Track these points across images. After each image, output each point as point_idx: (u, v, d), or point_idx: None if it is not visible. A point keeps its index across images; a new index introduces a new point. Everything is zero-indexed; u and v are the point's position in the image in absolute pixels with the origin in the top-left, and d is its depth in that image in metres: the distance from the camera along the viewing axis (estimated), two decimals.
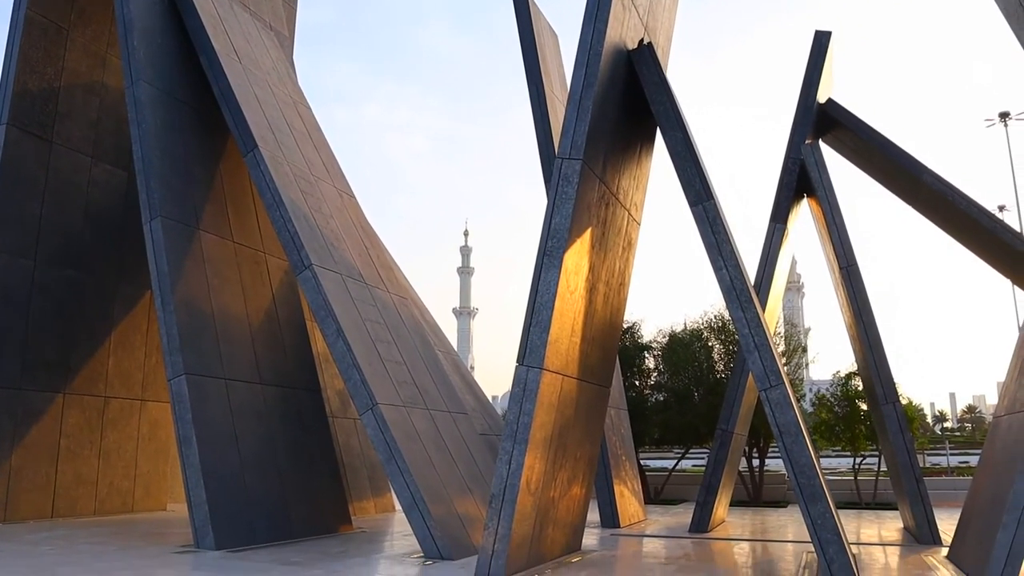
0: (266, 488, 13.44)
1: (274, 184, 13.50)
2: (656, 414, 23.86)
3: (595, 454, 12.51)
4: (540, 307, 9.50)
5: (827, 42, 17.34)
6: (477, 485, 13.55)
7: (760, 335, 9.87)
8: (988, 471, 11.48)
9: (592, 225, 10.50)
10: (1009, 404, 11.24)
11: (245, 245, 15.05)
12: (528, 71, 16.88)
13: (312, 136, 16.50)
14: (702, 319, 25.17)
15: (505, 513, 9.31)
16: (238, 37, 15.73)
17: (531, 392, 9.35)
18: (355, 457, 18.72)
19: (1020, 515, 9.18)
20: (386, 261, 16.63)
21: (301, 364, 15.56)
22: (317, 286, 12.85)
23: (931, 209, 18.26)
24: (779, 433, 9.61)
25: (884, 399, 14.60)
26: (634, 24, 11.51)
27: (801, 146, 16.42)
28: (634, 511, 17.05)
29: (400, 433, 12.23)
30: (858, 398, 22.51)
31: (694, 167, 10.68)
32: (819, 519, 9.28)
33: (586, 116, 9.83)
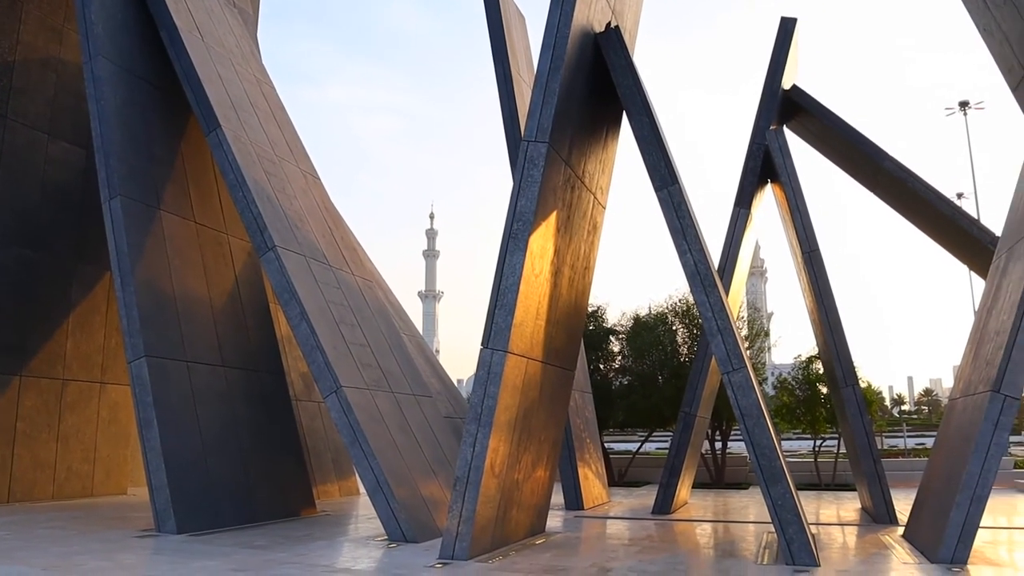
0: (229, 472, 13.33)
1: (237, 164, 13.31)
2: (621, 397, 24.03)
3: (559, 437, 12.58)
4: (505, 290, 9.50)
5: (792, 29, 17.46)
6: (442, 468, 13.56)
7: (723, 319, 9.95)
8: (943, 453, 11.73)
9: (558, 208, 10.50)
10: (964, 387, 11.48)
11: (207, 226, 14.84)
12: (495, 53, 16.80)
13: (276, 116, 16.28)
14: (667, 303, 25.36)
15: (469, 495, 9.33)
16: (201, 14, 15.44)
17: (496, 375, 9.36)
18: (319, 440, 18.64)
19: (972, 494, 9.42)
20: (351, 243, 16.50)
21: (264, 346, 15.42)
22: (280, 268, 12.72)
23: (892, 195, 18.54)
24: (741, 416, 9.72)
25: (844, 382, 14.83)
26: (601, 7, 11.48)
27: (766, 132, 16.54)
28: (598, 493, 17.18)
29: (364, 416, 12.18)
30: (819, 381, 22.86)
31: (659, 152, 10.71)
32: (779, 500, 9.43)
33: (552, 99, 9.81)
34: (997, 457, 9.56)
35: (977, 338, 11.71)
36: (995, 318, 10.88)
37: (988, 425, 9.57)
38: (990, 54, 13.38)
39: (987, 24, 13.03)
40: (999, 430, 9.55)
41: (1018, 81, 12.75)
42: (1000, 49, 12.97)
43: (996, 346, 10.20)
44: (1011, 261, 11.11)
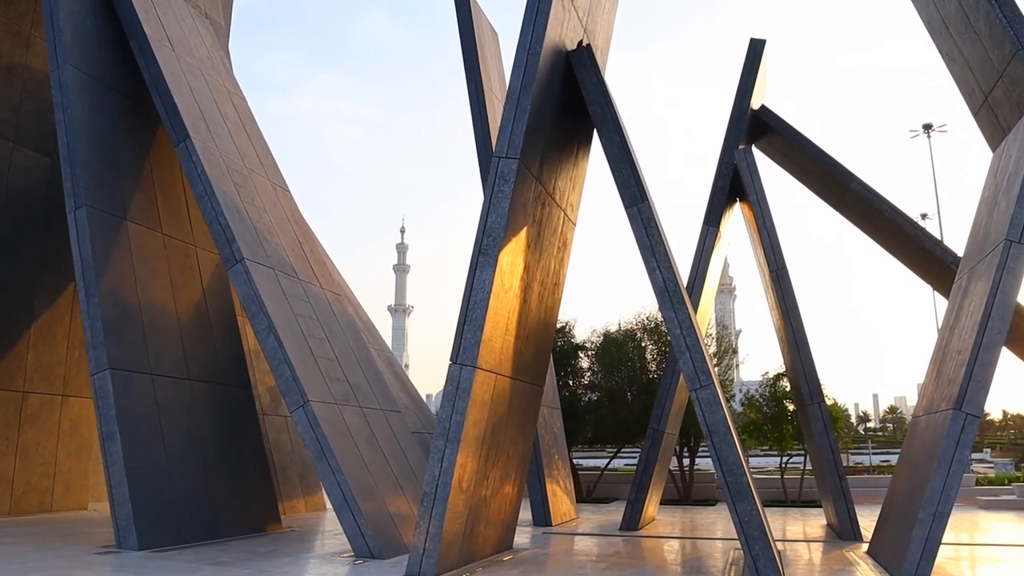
0: (193, 486, 13.14)
1: (206, 175, 13.21)
2: (589, 413, 24.06)
3: (528, 452, 12.55)
4: (474, 305, 9.49)
5: (761, 50, 17.71)
6: (409, 483, 13.47)
7: (691, 336, 10.02)
8: (906, 469, 11.87)
9: (528, 224, 10.53)
10: (927, 405, 11.63)
11: (175, 237, 14.69)
12: (468, 69, 16.86)
13: (246, 127, 16.18)
14: (636, 320, 25.49)
15: (437, 511, 9.27)
16: (171, 23, 15.34)
17: (464, 390, 9.33)
18: (285, 455, 18.44)
19: (935, 511, 9.53)
20: (320, 256, 16.42)
21: (231, 360, 15.26)
22: (248, 280, 12.62)
23: (858, 215, 18.82)
24: (708, 432, 9.77)
25: (810, 399, 14.97)
26: (573, 25, 11.57)
27: (735, 151, 16.73)
28: (566, 509, 17.16)
29: (332, 430, 12.09)
30: (785, 398, 23.06)
31: (630, 169, 10.78)
32: (746, 517, 9.47)
33: (524, 116, 9.85)
34: (959, 474, 9.68)
35: (940, 357, 11.89)
36: (957, 337, 11.06)
37: (950, 442, 9.70)
38: (952, 79, 13.67)
39: (949, 50, 13.32)
40: (960, 447, 9.68)
41: (979, 105, 13.04)
42: (962, 74, 13.26)
43: (958, 365, 10.36)
44: (972, 281, 11.31)
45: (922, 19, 13.84)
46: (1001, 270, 10.09)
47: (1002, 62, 11.68)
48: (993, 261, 10.37)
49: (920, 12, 13.79)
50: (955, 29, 12.75)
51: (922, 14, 13.76)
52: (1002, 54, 11.60)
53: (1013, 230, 10.16)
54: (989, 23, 11.53)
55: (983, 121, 13.15)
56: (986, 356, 9.88)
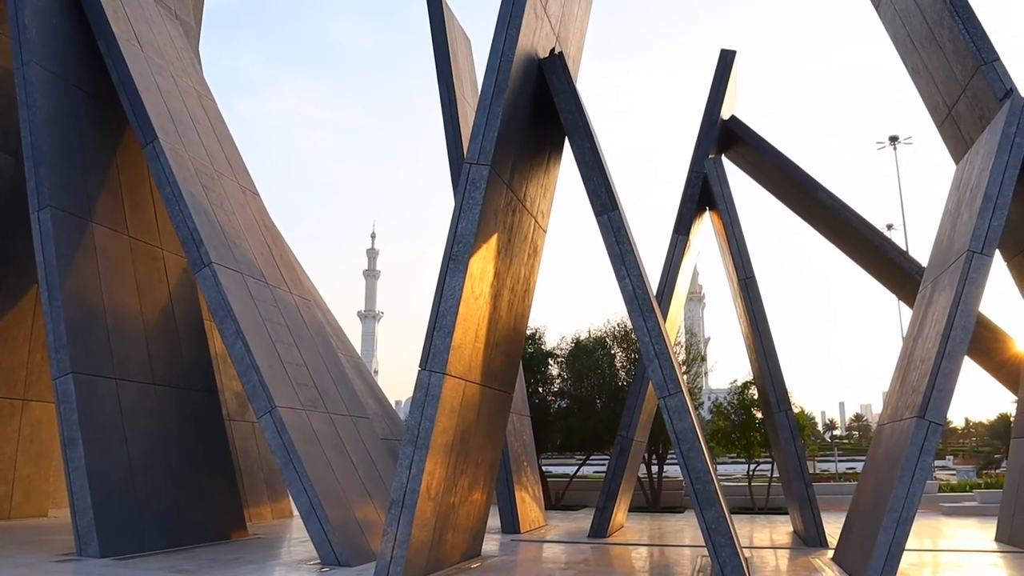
0: (157, 493, 12.96)
1: (174, 178, 13.06)
2: (559, 420, 24.07)
3: (496, 459, 12.53)
4: (444, 312, 9.46)
5: (731, 61, 17.89)
6: (377, 490, 13.39)
7: (660, 344, 10.06)
8: (871, 477, 12.01)
9: (498, 231, 10.52)
10: (892, 413, 11.79)
11: (141, 240, 14.50)
12: (440, 75, 16.85)
13: (216, 130, 16.03)
14: (605, 327, 25.55)
15: (404, 519, 9.22)
16: (140, 23, 15.17)
17: (433, 397, 9.29)
18: (252, 461, 18.24)
19: (899, 517, 9.65)
20: (289, 261, 16.29)
21: (198, 364, 15.08)
22: (216, 285, 12.49)
23: (825, 225, 19.05)
24: (676, 440, 9.81)
25: (777, 407, 15.10)
26: (546, 33, 11.61)
27: (704, 160, 16.87)
28: (535, 517, 17.14)
29: (299, 437, 11.98)
30: (753, 406, 23.23)
31: (600, 177, 10.82)
32: (713, 524, 9.52)
33: (495, 122, 9.85)
34: (922, 481, 9.82)
35: (904, 365, 12.06)
36: (921, 346, 11.22)
37: (914, 450, 9.83)
38: (917, 92, 13.90)
39: (915, 64, 13.55)
40: (924, 455, 9.82)
41: (943, 118, 13.26)
42: (927, 88, 13.49)
43: (922, 373, 10.51)
44: (936, 291, 11.49)
45: (889, 34, 14.07)
46: (964, 280, 10.27)
47: (965, 76, 11.90)
48: (956, 271, 10.54)
49: (887, 27, 14.01)
50: (920, 44, 12.98)
51: (889, 29, 13.99)
52: (965, 69, 11.82)
53: (975, 241, 10.34)
54: (953, 38, 11.75)
55: (947, 133, 13.39)
56: (949, 365, 10.04)
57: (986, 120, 11.81)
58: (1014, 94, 11.12)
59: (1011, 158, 10.71)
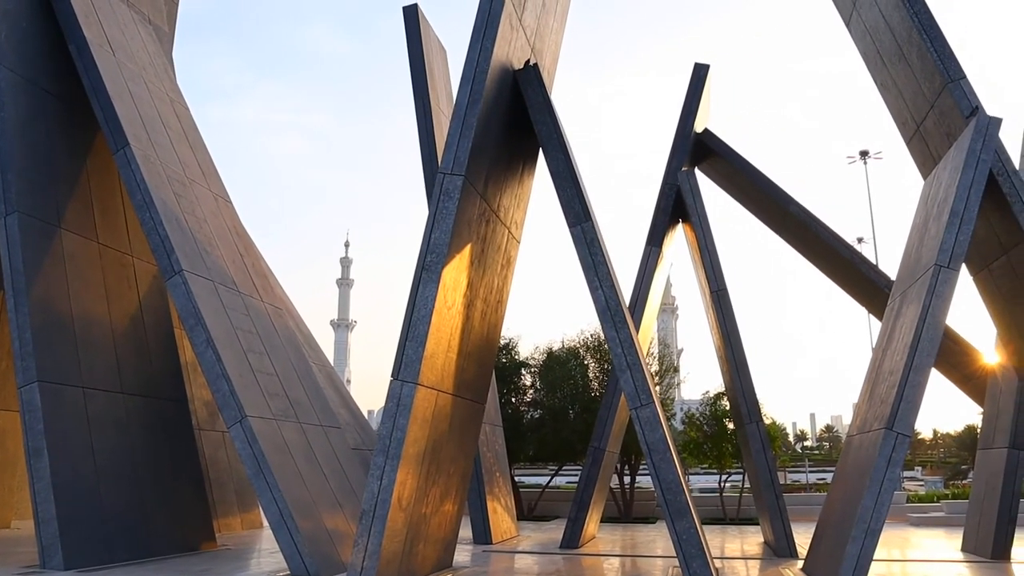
0: (124, 503, 12.79)
1: (145, 184, 12.94)
2: (532, 431, 24.05)
3: (468, 470, 12.50)
4: (417, 322, 9.44)
5: (705, 74, 18.05)
6: (348, 500, 13.30)
7: (632, 355, 10.10)
8: (840, 487, 12.11)
9: (472, 241, 10.53)
10: (860, 424, 11.91)
11: (111, 247, 14.34)
12: (415, 85, 16.85)
13: (188, 136, 15.91)
14: (579, 338, 25.60)
15: (375, 529, 9.16)
16: (113, 28, 15.03)
17: (405, 407, 9.26)
18: (222, 471, 18.06)
19: (867, 528, 9.74)
20: (261, 269, 16.18)
21: (167, 373, 14.92)
22: (187, 293, 12.37)
23: (796, 238, 19.24)
24: (648, 451, 9.85)
25: (748, 418, 15.20)
26: (521, 45, 11.66)
27: (677, 173, 16.99)
28: (507, 527, 17.10)
29: (269, 446, 11.88)
30: (725, 417, 23.36)
31: (574, 189, 10.87)
32: (684, 534, 9.56)
33: (470, 133, 9.87)
34: (890, 492, 9.92)
35: (873, 377, 12.19)
36: (889, 358, 11.36)
37: (882, 461, 9.93)
38: (887, 108, 14.11)
39: (884, 81, 13.76)
40: (892, 466, 9.92)
41: (911, 134, 13.47)
42: (896, 104, 13.70)
43: (890, 385, 10.64)
44: (904, 304, 11.65)
45: (859, 50, 14.28)
46: (931, 294, 10.41)
47: (933, 93, 12.10)
48: (923, 285, 10.69)
49: (857, 44, 14.22)
50: (889, 61, 13.18)
51: (859, 45, 14.20)
52: (933, 86, 12.02)
53: (942, 255, 10.50)
54: (921, 56, 11.95)
55: (915, 149, 13.60)
56: (916, 377, 10.17)
57: (953, 137, 12.01)
58: (980, 112, 11.32)
59: (976, 175, 10.90)
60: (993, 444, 15.04)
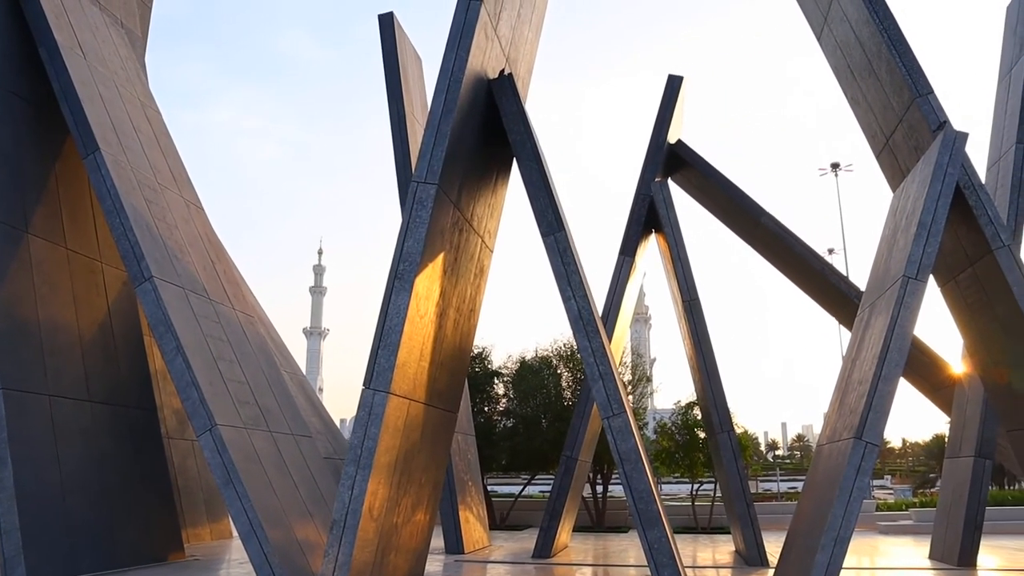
0: (90, 513, 12.60)
1: (115, 190, 12.79)
2: (504, 440, 24.04)
3: (440, 479, 12.45)
4: (389, 330, 9.40)
5: (679, 86, 18.19)
6: (319, 510, 13.19)
7: (605, 364, 10.13)
8: (810, 496, 12.20)
9: (445, 250, 10.51)
10: (830, 434, 12.00)
11: (80, 253, 14.16)
12: (390, 94, 16.84)
13: (160, 141, 15.76)
14: (552, 347, 25.65)
15: (346, 539, 9.09)
16: (84, 31, 14.87)
17: (376, 416, 9.21)
18: (191, 480, 17.86)
19: (836, 536, 9.80)
20: (233, 276, 16.04)
21: (136, 381, 14.74)
22: (157, 300, 12.23)
23: (768, 249, 19.42)
24: (620, 460, 9.87)
25: (720, 428, 15.28)
26: (496, 54, 11.68)
27: (651, 183, 17.09)
28: (479, 537, 17.06)
29: (239, 455, 11.76)
30: (697, 427, 23.48)
31: (547, 198, 10.90)
32: (656, 544, 9.58)
33: (443, 141, 9.87)
34: (859, 500, 9.98)
35: (843, 387, 12.30)
36: (859, 368, 11.47)
37: (851, 470, 10.01)
38: (857, 122, 14.30)
39: (854, 94, 13.94)
40: (861, 475, 10.00)
41: (881, 148, 13.65)
42: (866, 118, 13.88)
43: (859, 395, 10.74)
44: (873, 315, 11.77)
45: (830, 64, 14.45)
46: (899, 305, 10.53)
47: (901, 107, 12.28)
48: (892, 296, 10.81)
49: (829, 58, 14.40)
50: (859, 75, 13.36)
51: (830, 60, 14.37)
52: (902, 100, 12.19)
53: (910, 267, 10.63)
54: (890, 71, 12.12)
55: (885, 162, 13.78)
56: (885, 387, 10.27)
57: (921, 150, 12.18)
58: (947, 126, 11.50)
59: (944, 188, 11.05)
60: (960, 453, 15.25)
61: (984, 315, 12.55)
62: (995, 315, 12.16)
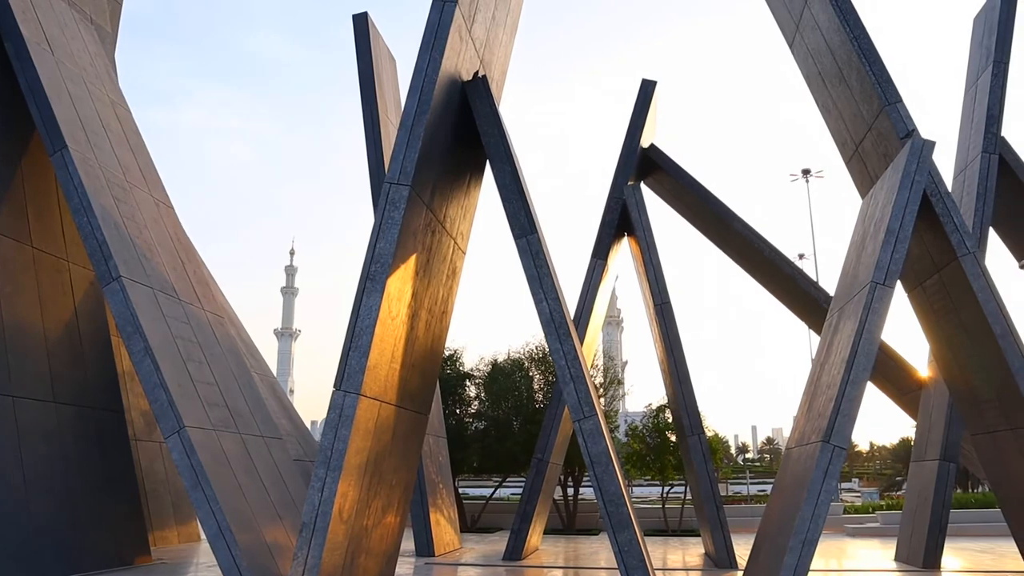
0: (55, 517, 12.40)
1: (83, 188, 12.61)
2: (476, 442, 24.01)
3: (411, 481, 12.40)
4: (360, 332, 9.35)
5: (652, 91, 18.29)
6: (289, 512, 13.09)
7: (576, 367, 10.15)
8: (779, 499, 12.30)
9: (417, 252, 10.49)
10: (799, 437, 12.12)
11: (46, 252, 13.95)
12: (363, 93, 16.77)
13: (130, 140, 15.57)
14: (524, 349, 25.66)
15: (316, 542, 9.03)
16: (53, 27, 14.66)
17: (347, 418, 9.15)
18: (159, 483, 17.64)
19: (804, 538, 9.89)
20: (203, 277, 15.87)
21: (103, 382, 14.55)
22: (125, 300, 12.08)
23: (739, 254, 19.57)
24: (591, 463, 9.89)
25: (690, 431, 15.37)
26: (470, 56, 11.68)
27: (623, 187, 17.16)
28: (449, 539, 17.01)
29: (208, 457, 11.64)
30: (668, 430, 23.60)
31: (520, 200, 10.90)
32: (626, 546, 9.61)
33: (417, 143, 9.84)
34: (827, 503, 10.09)
35: (811, 391, 12.42)
36: (827, 372, 11.59)
37: (819, 473, 10.11)
38: (828, 129, 14.45)
39: (825, 102, 14.09)
40: (828, 478, 10.10)
41: (850, 155, 13.81)
42: (836, 125, 14.04)
43: (827, 399, 10.85)
44: (842, 320, 11.91)
45: (802, 72, 14.61)
46: (867, 310, 10.66)
47: (871, 116, 12.43)
48: (860, 301, 10.94)
49: (800, 65, 14.55)
50: (830, 83, 13.51)
51: (802, 67, 14.52)
52: (871, 108, 12.35)
53: (878, 273, 10.77)
54: (860, 79, 12.28)
55: (854, 169, 13.94)
56: (853, 391, 10.38)
57: (890, 158, 12.34)
58: (915, 134, 11.66)
59: (911, 195, 11.21)
60: (925, 456, 15.45)
61: (950, 321, 12.74)
62: (960, 321, 12.35)
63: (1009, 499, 13.13)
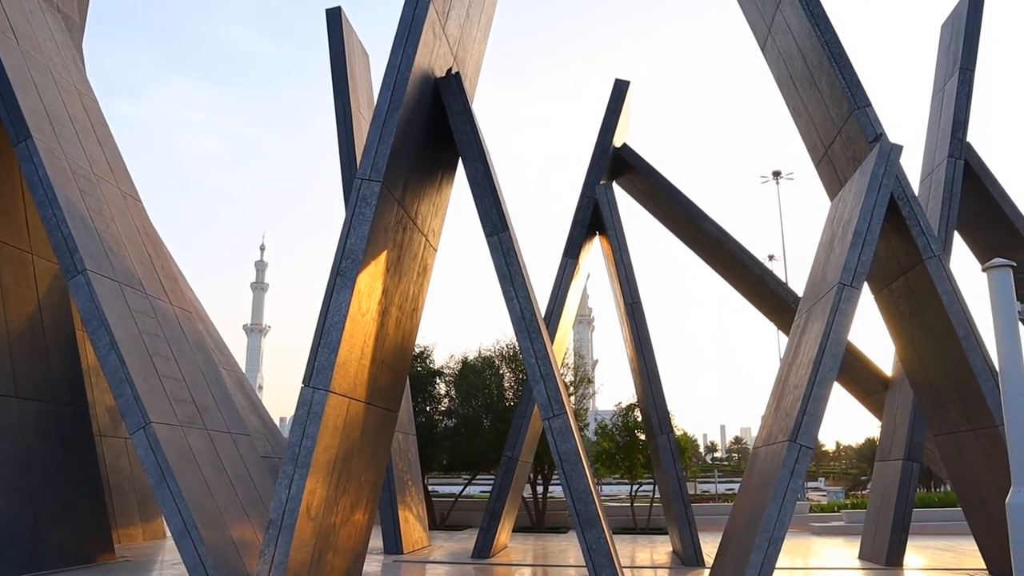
0: (15, 514, 12.19)
1: (48, 179, 12.40)
2: (445, 439, 23.98)
3: (380, 479, 12.35)
4: (330, 328, 9.30)
5: (625, 90, 18.36)
6: (256, 509, 12.98)
7: (546, 365, 10.17)
8: (746, 497, 12.41)
9: (388, 248, 10.44)
10: (766, 437, 12.23)
11: (9, 244, 13.71)
12: (336, 88, 16.67)
13: (97, 131, 15.33)
14: (494, 347, 25.65)
15: (283, 540, 8.96)
16: (17, 15, 14.39)
17: (316, 415, 9.10)
18: (124, 480, 17.42)
19: (770, 536, 9.99)
20: (171, 271, 15.68)
21: (67, 377, 14.32)
22: (90, 293, 11.89)
23: (709, 254, 19.70)
24: (560, 461, 9.91)
25: (659, 430, 15.45)
26: (443, 53, 11.64)
27: (595, 186, 17.21)
28: (418, 537, 16.97)
29: (174, 454, 11.51)
30: (637, 428, 23.72)
31: (492, 198, 10.90)
32: (594, 544, 9.64)
33: (389, 139, 9.80)
34: (793, 502, 10.19)
35: (779, 391, 12.55)
36: (795, 373, 11.71)
37: (785, 472, 10.21)
38: (798, 131, 14.60)
39: (796, 105, 14.23)
40: (795, 477, 10.21)
41: (820, 157, 13.96)
42: (806, 128, 14.18)
43: (794, 399, 10.96)
44: (810, 320, 12.03)
45: (773, 74, 14.74)
46: (835, 311, 10.78)
47: (840, 119, 12.57)
48: (828, 302, 11.07)
49: (772, 68, 14.68)
50: (801, 86, 13.65)
51: (773, 70, 14.65)
52: (840, 112, 12.49)
53: (846, 274, 10.89)
54: (830, 83, 12.41)
55: (823, 172, 14.09)
56: (819, 391, 10.49)
57: (858, 161, 12.49)
58: (883, 138, 11.81)
59: (879, 198, 11.35)
60: (890, 456, 15.68)
61: (915, 323, 12.93)
62: (925, 323, 12.53)
63: (970, 498, 13.36)
